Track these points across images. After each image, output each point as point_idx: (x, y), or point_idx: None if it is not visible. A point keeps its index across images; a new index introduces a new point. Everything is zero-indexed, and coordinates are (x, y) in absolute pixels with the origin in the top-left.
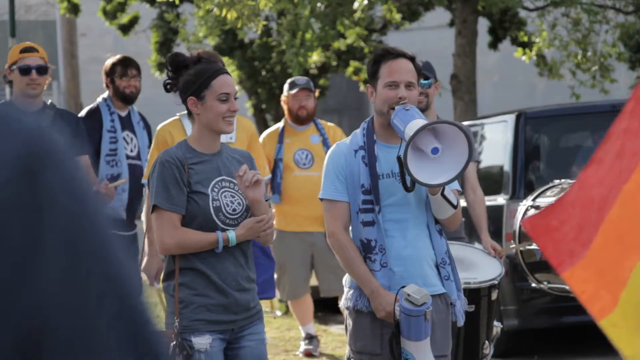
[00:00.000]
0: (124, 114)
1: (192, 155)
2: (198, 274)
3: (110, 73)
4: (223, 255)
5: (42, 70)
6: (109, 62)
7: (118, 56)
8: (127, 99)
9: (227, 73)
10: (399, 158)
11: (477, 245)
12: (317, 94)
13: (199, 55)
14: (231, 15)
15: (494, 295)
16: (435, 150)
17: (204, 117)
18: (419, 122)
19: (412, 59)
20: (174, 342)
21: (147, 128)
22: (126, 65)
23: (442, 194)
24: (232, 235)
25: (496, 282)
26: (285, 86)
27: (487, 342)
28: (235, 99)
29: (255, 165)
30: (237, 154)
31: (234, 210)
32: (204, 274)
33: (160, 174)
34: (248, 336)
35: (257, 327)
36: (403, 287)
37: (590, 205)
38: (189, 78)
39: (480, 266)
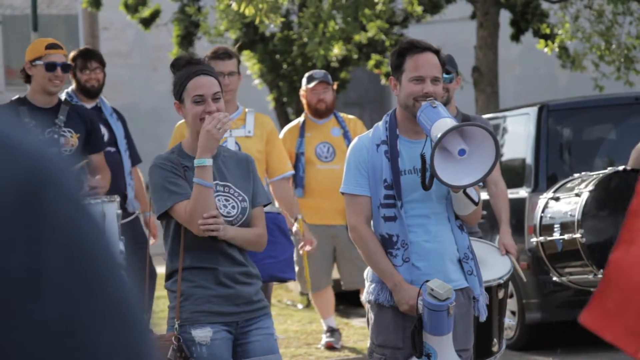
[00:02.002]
0: (90, 106)
1: (186, 161)
2: (199, 269)
3: (73, 66)
4: (220, 254)
5: (66, 67)
6: (71, 54)
7: (80, 48)
8: (90, 92)
9: (207, 74)
10: (422, 156)
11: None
12: (335, 86)
13: (187, 58)
14: (249, 10)
15: (501, 294)
16: (462, 152)
17: (187, 120)
18: (447, 121)
19: (437, 52)
20: (173, 346)
21: (122, 120)
22: (86, 57)
23: (464, 191)
24: (200, 160)
25: (502, 281)
26: (303, 80)
27: (495, 340)
28: (217, 99)
29: (255, 167)
30: (233, 157)
31: (228, 213)
32: (204, 268)
33: (152, 180)
34: (255, 331)
35: (265, 322)
36: (427, 281)
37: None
38: (173, 83)
39: (489, 264)
